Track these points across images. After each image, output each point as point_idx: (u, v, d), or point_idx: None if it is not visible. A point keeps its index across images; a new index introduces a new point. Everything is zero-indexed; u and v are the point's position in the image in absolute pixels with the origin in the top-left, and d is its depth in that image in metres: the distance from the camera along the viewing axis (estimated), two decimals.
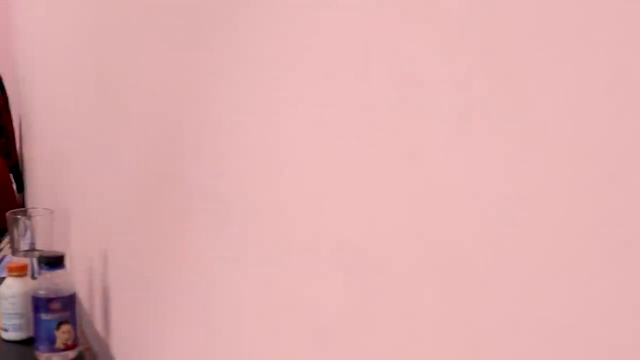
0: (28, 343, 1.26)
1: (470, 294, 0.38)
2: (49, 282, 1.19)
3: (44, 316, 1.17)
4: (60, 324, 1.18)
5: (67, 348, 1.19)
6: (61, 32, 1.73)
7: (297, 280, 0.56)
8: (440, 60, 0.40)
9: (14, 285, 1.28)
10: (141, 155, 1.02)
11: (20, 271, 1.28)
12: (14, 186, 2.50)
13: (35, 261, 1.31)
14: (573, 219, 0.32)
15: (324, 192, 0.52)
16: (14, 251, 1.35)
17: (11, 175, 2.46)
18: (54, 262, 1.19)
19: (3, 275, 1.61)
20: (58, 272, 1.19)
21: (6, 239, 2.14)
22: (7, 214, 1.35)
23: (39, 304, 1.18)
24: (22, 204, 2.62)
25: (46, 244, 1.35)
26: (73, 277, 1.61)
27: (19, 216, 1.34)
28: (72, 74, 1.58)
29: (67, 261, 1.65)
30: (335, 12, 0.50)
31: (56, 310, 1.18)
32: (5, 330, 1.29)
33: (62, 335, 1.18)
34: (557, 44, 0.32)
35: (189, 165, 0.82)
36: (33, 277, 1.30)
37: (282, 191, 0.58)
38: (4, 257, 2.04)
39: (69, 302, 1.19)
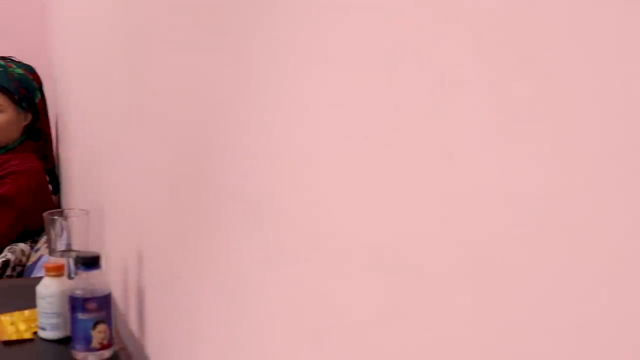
0: (65, 342, 1.28)
1: (508, 295, 0.38)
2: (85, 282, 1.20)
3: (80, 316, 1.19)
4: (96, 323, 1.19)
5: (103, 347, 1.20)
6: (95, 33, 1.75)
7: (330, 283, 0.56)
8: (476, 60, 0.39)
9: (51, 285, 1.30)
10: (173, 157, 1.03)
11: (57, 271, 1.30)
12: (50, 188, 2.53)
13: (71, 261, 1.32)
14: (614, 222, 0.31)
15: (359, 193, 0.52)
16: (51, 251, 1.37)
17: (47, 177, 2.49)
18: (90, 262, 1.20)
19: (40, 275, 1.63)
20: (94, 273, 1.21)
21: (43, 239, 2.17)
22: (44, 214, 1.37)
23: (76, 304, 1.20)
24: (57, 205, 2.66)
25: (82, 245, 1.37)
26: (108, 277, 1.63)
27: (55, 217, 1.36)
28: (105, 75, 1.60)
29: (103, 261, 1.67)
30: (368, 12, 0.50)
31: (92, 310, 1.19)
32: (43, 329, 1.31)
33: (98, 334, 1.20)
34: (596, 43, 0.32)
35: (219, 166, 0.82)
36: (69, 277, 1.32)
37: (314, 192, 0.58)
38: (40, 256, 2.07)
39: (105, 302, 1.21)
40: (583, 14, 0.32)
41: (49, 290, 1.29)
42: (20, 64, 2.52)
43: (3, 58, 2.51)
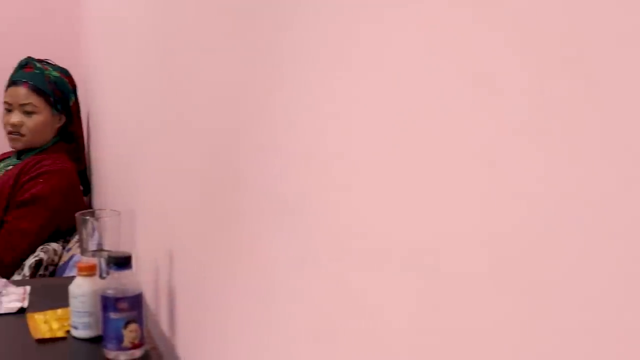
0: (97, 341, 1.29)
1: (547, 299, 0.37)
2: (117, 282, 1.21)
3: (112, 315, 1.20)
4: (127, 323, 1.20)
5: (134, 347, 1.21)
6: (128, 36, 1.77)
7: (362, 284, 0.56)
8: (516, 60, 0.39)
9: (83, 285, 1.31)
10: (204, 157, 1.03)
11: (89, 271, 1.32)
12: (81, 188, 2.56)
13: (103, 261, 1.34)
14: None
15: (390, 194, 0.52)
16: (83, 251, 1.38)
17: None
18: (122, 262, 1.21)
19: (72, 275, 1.65)
20: (125, 272, 1.22)
21: (75, 239, 2.20)
22: (77, 214, 1.38)
23: (108, 303, 1.21)
24: (89, 206, 2.69)
25: (113, 245, 1.38)
26: (139, 277, 1.64)
27: (87, 217, 1.37)
28: (137, 77, 1.61)
29: (134, 261, 1.68)
30: (405, 11, 0.49)
31: (124, 310, 1.20)
32: (76, 328, 1.32)
33: (130, 334, 1.21)
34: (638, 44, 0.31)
35: (250, 167, 0.82)
36: (101, 277, 1.33)
37: (345, 193, 0.58)
38: (72, 256, 2.09)
39: (136, 302, 1.21)
40: (627, 14, 0.32)
41: (81, 289, 1.31)
42: (56, 67, 2.56)
43: (40, 61, 2.55)
